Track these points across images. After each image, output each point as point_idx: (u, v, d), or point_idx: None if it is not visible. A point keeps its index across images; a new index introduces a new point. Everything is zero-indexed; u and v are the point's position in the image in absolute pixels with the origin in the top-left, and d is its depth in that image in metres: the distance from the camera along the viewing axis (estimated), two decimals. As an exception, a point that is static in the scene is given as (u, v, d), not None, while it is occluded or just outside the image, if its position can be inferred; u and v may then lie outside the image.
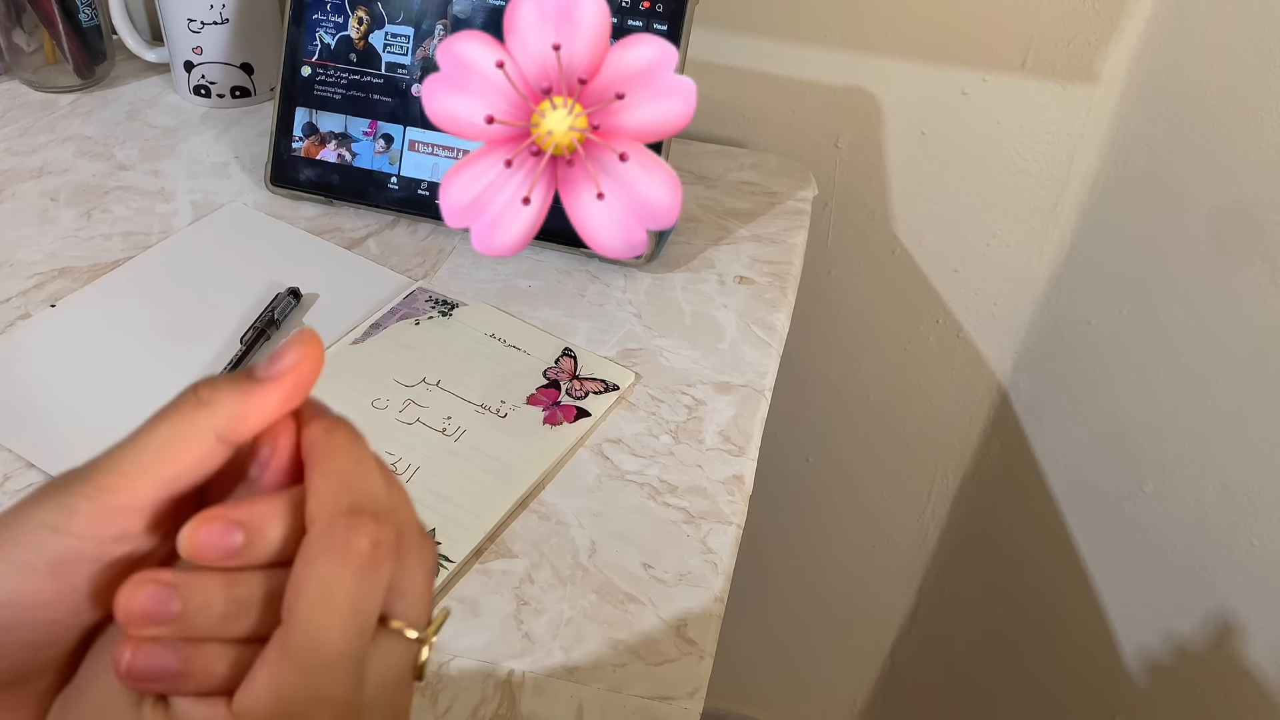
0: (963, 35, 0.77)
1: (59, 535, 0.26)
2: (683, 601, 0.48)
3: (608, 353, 0.61)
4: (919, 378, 0.97)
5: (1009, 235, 0.86)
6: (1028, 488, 0.99)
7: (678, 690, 0.45)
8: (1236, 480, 0.82)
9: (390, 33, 0.68)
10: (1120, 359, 0.87)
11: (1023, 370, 0.94)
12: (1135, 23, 0.74)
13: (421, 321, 0.62)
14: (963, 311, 0.92)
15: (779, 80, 0.82)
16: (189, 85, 0.80)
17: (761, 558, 1.17)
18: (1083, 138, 0.79)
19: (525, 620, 0.47)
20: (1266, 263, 0.74)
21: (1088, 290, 0.87)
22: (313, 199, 0.71)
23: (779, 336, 0.64)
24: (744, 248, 0.71)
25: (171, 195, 0.71)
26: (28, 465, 0.52)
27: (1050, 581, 1.02)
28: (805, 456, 1.07)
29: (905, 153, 0.84)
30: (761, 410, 0.59)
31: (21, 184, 0.71)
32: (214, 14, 0.77)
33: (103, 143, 0.76)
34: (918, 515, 1.08)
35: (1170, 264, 0.81)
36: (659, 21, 0.64)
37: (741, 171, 0.79)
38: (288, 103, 0.70)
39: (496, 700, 0.44)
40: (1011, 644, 1.10)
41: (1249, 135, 0.72)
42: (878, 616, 1.19)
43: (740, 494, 0.54)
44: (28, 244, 0.66)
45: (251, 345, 0.58)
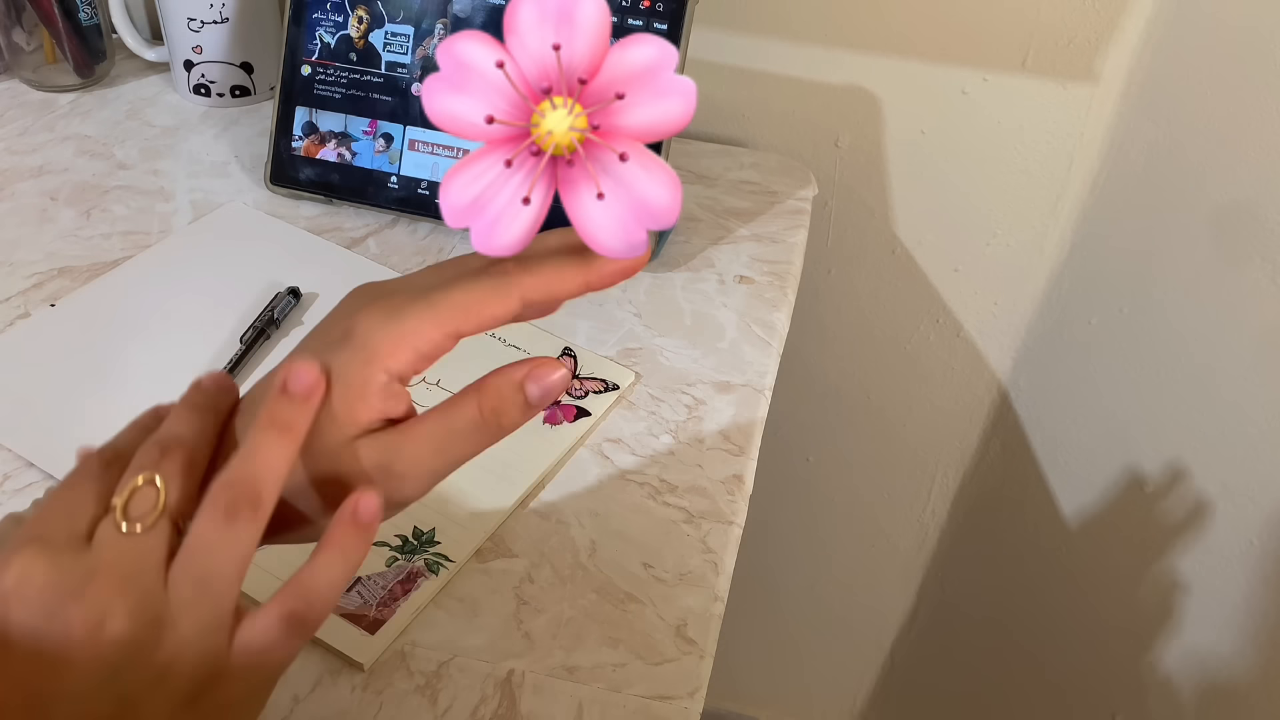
0: (963, 35, 0.77)
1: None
2: (682, 601, 0.48)
3: (608, 352, 0.61)
4: (919, 377, 0.97)
5: (1009, 235, 0.86)
6: (1028, 488, 0.99)
7: (678, 690, 0.45)
8: (1236, 480, 0.82)
9: (390, 32, 0.68)
10: (1120, 359, 0.87)
11: (1023, 370, 0.94)
12: (1135, 22, 0.74)
13: (421, 321, 0.62)
14: (963, 311, 0.92)
15: (779, 80, 0.82)
16: (189, 84, 0.80)
17: (761, 558, 1.17)
18: (1083, 137, 0.79)
19: (525, 620, 0.47)
20: (1266, 263, 0.74)
21: (1088, 290, 0.87)
22: (312, 198, 0.71)
23: (779, 336, 0.64)
24: (744, 247, 0.71)
25: (171, 194, 0.71)
26: (27, 465, 0.52)
27: (1050, 582, 1.02)
28: (805, 456, 1.07)
29: (905, 152, 0.84)
30: (761, 410, 0.59)
31: (21, 183, 0.71)
32: (214, 13, 0.76)
33: (102, 142, 0.76)
34: (918, 515, 1.08)
35: (1170, 264, 0.81)
36: (659, 21, 0.64)
37: (741, 171, 0.79)
38: (287, 102, 0.70)
39: (496, 700, 0.44)
40: (1011, 644, 1.10)
41: (1249, 135, 0.72)
42: (878, 616, 1.19)
43: (740, 494, 0.54)
44: (27, 243, 0.66)
45: (251, 344, 0.58)
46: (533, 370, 0.32)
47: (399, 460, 0.32)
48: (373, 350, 0.31)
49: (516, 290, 0.31)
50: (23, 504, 0.50)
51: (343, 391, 0.31)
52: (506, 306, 0.32)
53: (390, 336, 0.31)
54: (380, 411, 0.32)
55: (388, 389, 0.32)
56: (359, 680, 0.44)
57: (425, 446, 0.32)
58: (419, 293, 0.32)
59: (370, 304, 0.32)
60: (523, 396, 0.32)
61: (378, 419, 0.32)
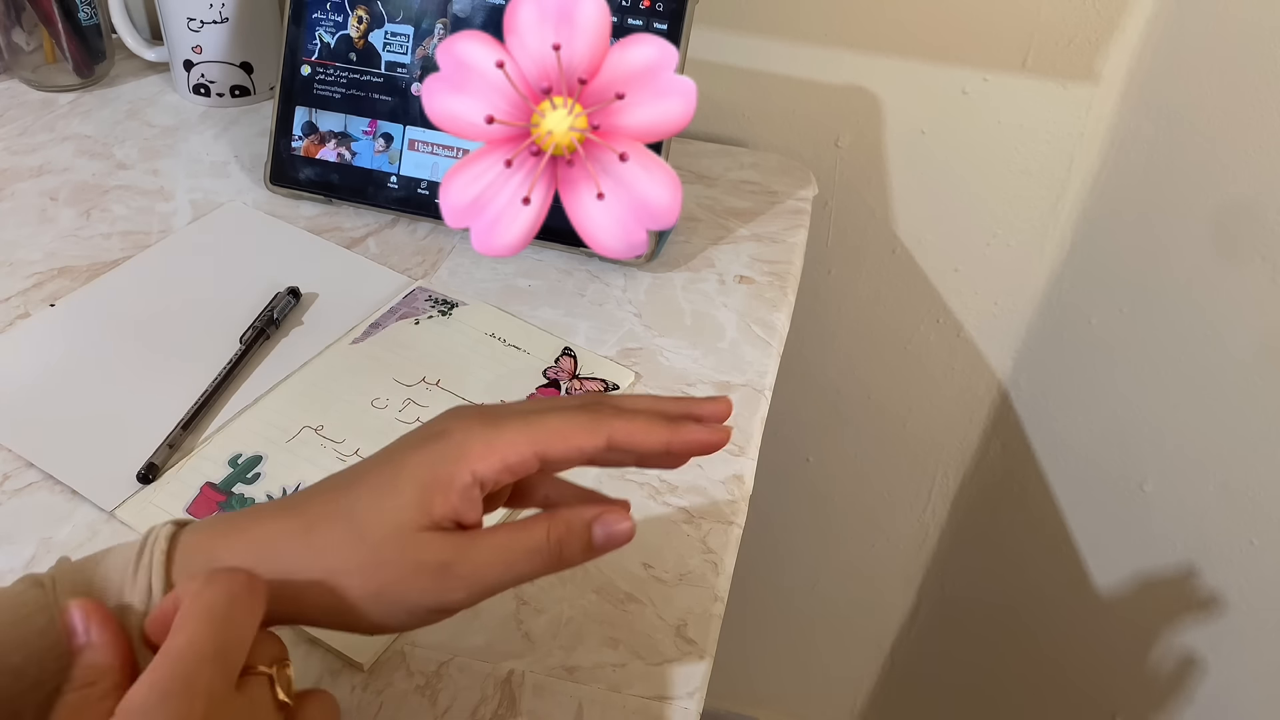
0: (963, 34, 0.77)
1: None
2: (683, 601, 0.48)
3: (608, 352, 0.61)
4: (919, 377, 0.97)
5: (1009, 235, 0.86)
6: (1028, 488, 0.99)
7: (678, 690, 0.45)
8: (1236, 480, 0.82)
9: (390, 31, 0.68)
10: (1120, 359, 0.87)
11: (1023, 370, 0.94)
12: (1136, 22, 0.74)
13: (421, 321, 0.62)
14: (963, 311, 0.92)
15: (779, 80, 0.82)
16: (188, 84, 0.80)
17: (761, 558, 1.17)
18: (1083, 137, 0.79)
19: (525, 620, 0.47)
20: (1266, 262, 0.74)
21: (1088, 290, 0.87)
22: (312, 198, 0.71)
23: (779, 336, 0.64)
24: (744, 247, 0.71)
25: (171, 194, 0.71)
26: (27, 465, 0.52)
27: (1050, 581, 1.02)
28: (805, 456, 1.07)
29: (905, 152, 0.84)
30: (761, 410, 0.59)
31: (21, 183, 0.71)
32: (213, 13, 0.76)
33: (102, 142, 0.76)
34: (918, 515, 1.08)
35: (1170, 264, 0.81)
36: (659, 21, 0.64)
37: (741, 171, 0.79)
38: (287, 102, 0.70)
39: (496, 700, 0.44)
40: (1011, 643, 1.10)
41: (1249, 135, 0.72)
42: (878, 616, 1.19)
43: (740, 494, 0.54)
44: (27, 243, 0.66)
45: (251, 344, 0.58)
46: (604, 515, 0.34)
47: (463, 562, 0.32)
48: (465, 450, 0.33)
49: (606, 429, 0.33)
50: (23, 503, 0.50)
51: (428, 482, 0.32)
52: (594, 441, 0.33)
53: (484, 441, 0.33)
54: (455, 511, 0.33)
55: (468, 492, 0.33)
56: (359, 680, 0.44)
57: (489, 554, 0.33)
58: (517, 414, 0.34)
59: (470, 414, 0.34)
60: (589, 535, 0.34)
61: (450, 518, 0.33)
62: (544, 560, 0.33)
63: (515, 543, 0.33)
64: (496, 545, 0.33)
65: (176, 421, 0.54)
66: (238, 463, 0.52)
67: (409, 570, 0.32)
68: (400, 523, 0.32)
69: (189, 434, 0.54)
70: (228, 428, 0.54)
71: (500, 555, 0.33)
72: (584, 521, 0.34)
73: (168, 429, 0.53)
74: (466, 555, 0.32)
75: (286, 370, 0.58)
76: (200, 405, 0.55)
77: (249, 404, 0.56)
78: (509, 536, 0.33)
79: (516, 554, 0.33)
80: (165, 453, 0.52)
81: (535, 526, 0.33)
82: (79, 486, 0.51)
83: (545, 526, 0.33)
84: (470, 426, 0.33)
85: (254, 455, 0.53)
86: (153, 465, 0.51)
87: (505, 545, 0.33)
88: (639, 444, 0.34)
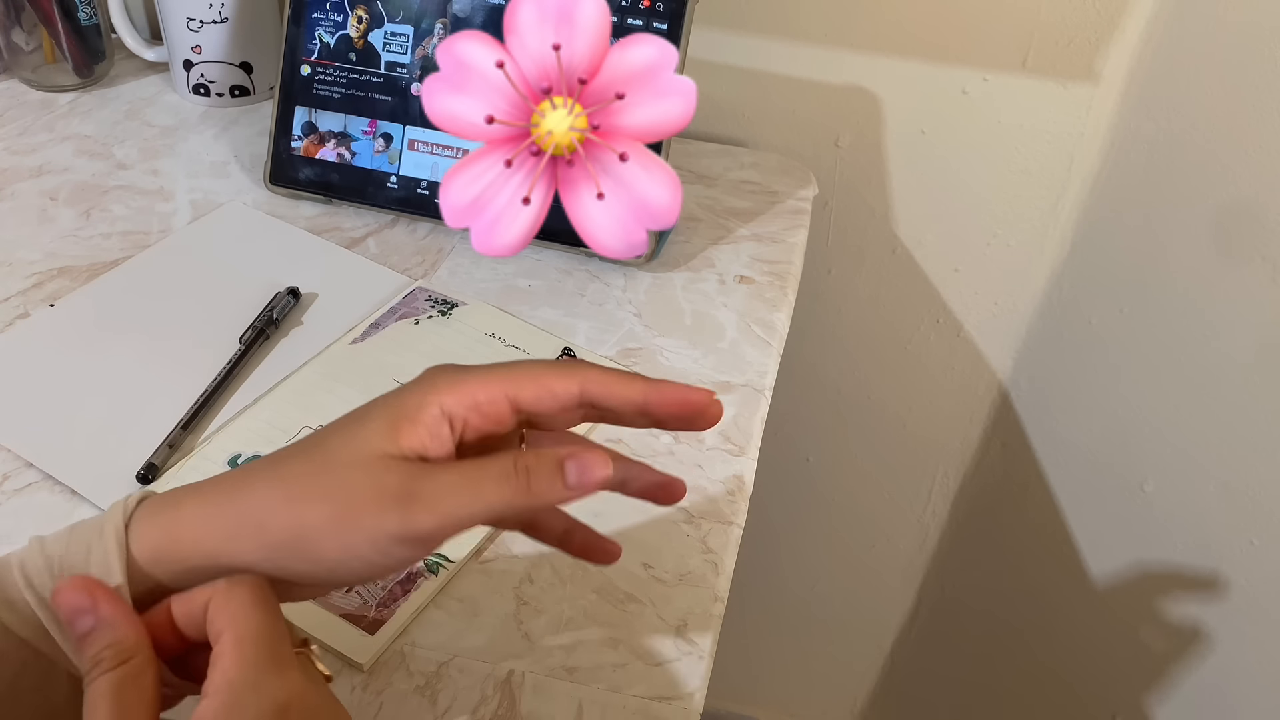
0: (963, 34, 0.77)
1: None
2: (683, 601, 0.48)
3: (608, 352, 0.61)
4: (919, 378, 0.97)
5: (1009, 235, 0.86)
6: (1028, 488, 0.99)
7: (678, 690, 0.45)
8: (1236, 480, 0.82)
9: (390, 32, 0.68)
10: (1120, 359, 0.87)
11: (1023, 370, 0.94)
12: (1135, 22, 0.74)
13: (421, 321, 0.62)
14: (963, 311, 0.92)
15: (779, 80, 0.82)
16: (188, 84, 0.80)
17: (761, 558, 1.17)
18: (1083, 137, 0.79)
19: (525, 620, 0.47)
20: (1266, 262, 0.74)
21: (1088, 290, 0.87)
22: (312, 198, 0.71)
23: (779, 336, 0.64)
24: (744, 247, 0.71)
25: (171, 194, 0.71)
26: (27, 465, 0.52)
27: (1050, 581, 1.02)
28: (805, 456, 1.07)
29: (905, 152, 0.84)
30: (761, 410, 0.59)
31: (20, 183, 0.71)
32: (213, 13, 0.76)
33: (102, 142, 0.76)
34: (918, 515, 1.08)
35: (1170, 264, 0.81)
36: (659, 21, 0.64)
37: (741, 171, 0.79)
38: (287, 102, 0.70)
39: (496, 700, 0.44)
40: (1011, 644, 1.10)
41: (1249, 135, 0.72)
42: (878, 616, 1.19)
43: (740, 494, 0.54)
44: (27, 243, 0.66)
45: (250, 344, 0.58)
46: (579, 454, 0.32)
47: (428, 484, 0.32)
48: (434, 384, 0.33)
49: (579, 375, 0.33)
50: (23, 503, 0.50)
51: (396, 413, 0.32)
52: (566, 385, 0.33)
53: (453, 379, 0.33)
54: (422, 445, 0.32)
55: (436, 426, 0.32)
56: (359, 680, 0.44)
57: (455, 478, 0.32)
58: (492, 365, 0.34)
59: (445, 365, 0.34)
60: (560, 468, 0.32)
61: (417, 450, 0.32)
62: (512, 488, 0.32)
63: (481, 469, 0.32)
64: (462, 470, 0.32)
65: (176, 421, 0.54)
66: (237, 463, 0.52)
67: (371, 493, 0.31)
68: (367, 450, 0.32)
69: (189, 434, 0.54)
70: (227, 428, 0.54)
71: (466, 480, 0.32)
72: (554, 455, 0.32)
73: (167, 429, 0.53)
74: (432, 477, 0.32)
75: (286, 370, 0.58)
76: (200, 405, 0.55)
77: (249, 404, 0.56)
78: (475, 463, 0.32)
79: (483, 480, 0.32)
80: (165, 453, 0.52)
81: (503, 456, 0.33)
82: (79, 486, 0.51)
83: (513, 454, 0.33)
84: (442, 369, 0.34)
85: (254, 455, 0.53)
86: (152, 465, 0.51)
87: (471, 470, 0.32)
88: (614, 394, 0.33)
